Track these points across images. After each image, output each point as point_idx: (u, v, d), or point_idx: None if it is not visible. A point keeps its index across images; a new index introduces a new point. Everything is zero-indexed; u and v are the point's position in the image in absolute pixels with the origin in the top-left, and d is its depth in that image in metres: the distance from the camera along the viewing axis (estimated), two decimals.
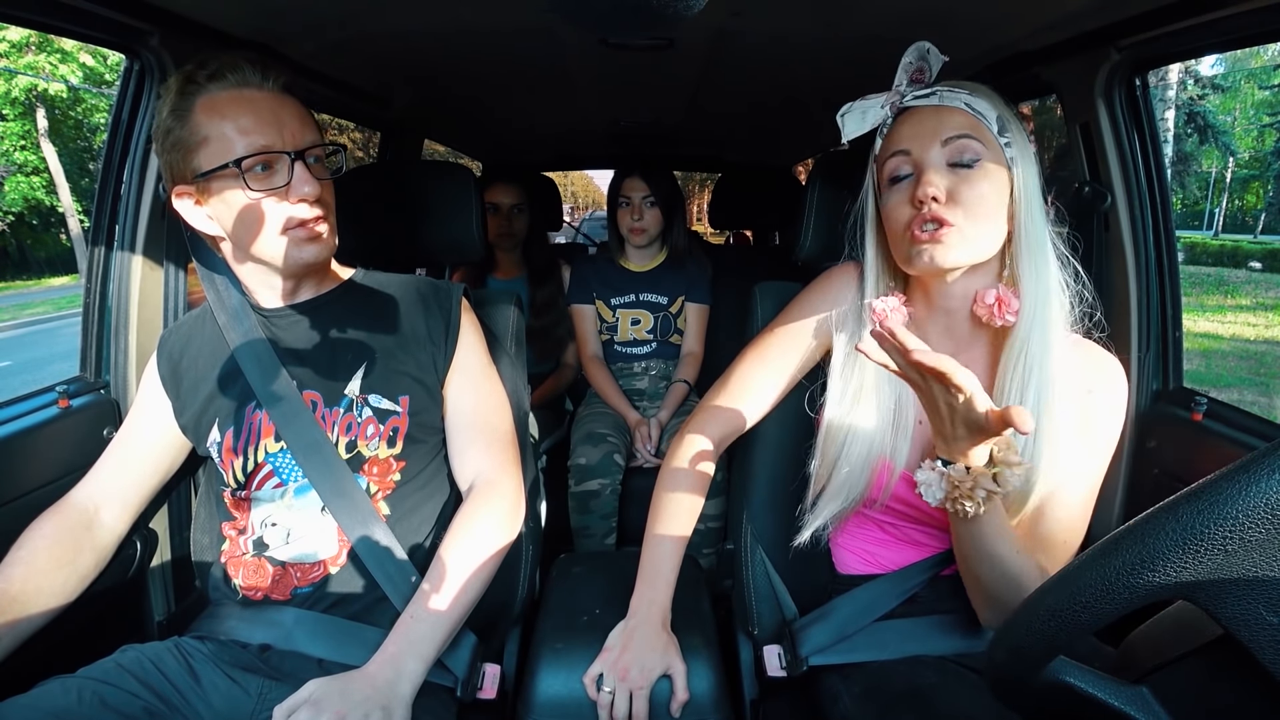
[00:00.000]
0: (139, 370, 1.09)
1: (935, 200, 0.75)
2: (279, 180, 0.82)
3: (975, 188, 0.76)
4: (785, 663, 0.94)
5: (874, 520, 0.93)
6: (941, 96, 0.80)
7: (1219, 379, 6.83)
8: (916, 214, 0.77)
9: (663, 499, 0.93)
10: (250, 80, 0.82)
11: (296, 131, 0.83)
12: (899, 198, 0.80)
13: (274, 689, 0.84)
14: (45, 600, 0.82)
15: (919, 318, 0.88)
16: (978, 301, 0.83)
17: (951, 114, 0.79)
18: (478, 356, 1.00)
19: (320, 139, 0.87)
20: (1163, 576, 0.41)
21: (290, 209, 0.83)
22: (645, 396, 2.02)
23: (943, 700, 0.78)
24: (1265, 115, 23.16)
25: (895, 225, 0.81)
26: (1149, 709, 0.48)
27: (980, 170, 0.77)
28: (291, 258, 0.86)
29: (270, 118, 0.82)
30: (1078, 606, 0.45)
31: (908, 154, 0.79)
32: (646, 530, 0.92)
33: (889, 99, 0.83)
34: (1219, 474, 0.39)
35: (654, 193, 1.91)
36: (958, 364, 0.63)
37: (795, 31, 1.24)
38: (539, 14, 1.07)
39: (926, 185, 0.76)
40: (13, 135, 15.17)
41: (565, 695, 0.85)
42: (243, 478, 0.90)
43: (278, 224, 0.84)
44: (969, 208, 0.76)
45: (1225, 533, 0.38)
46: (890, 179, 0.81)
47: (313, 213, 0.85)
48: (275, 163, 0.82)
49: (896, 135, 0.81)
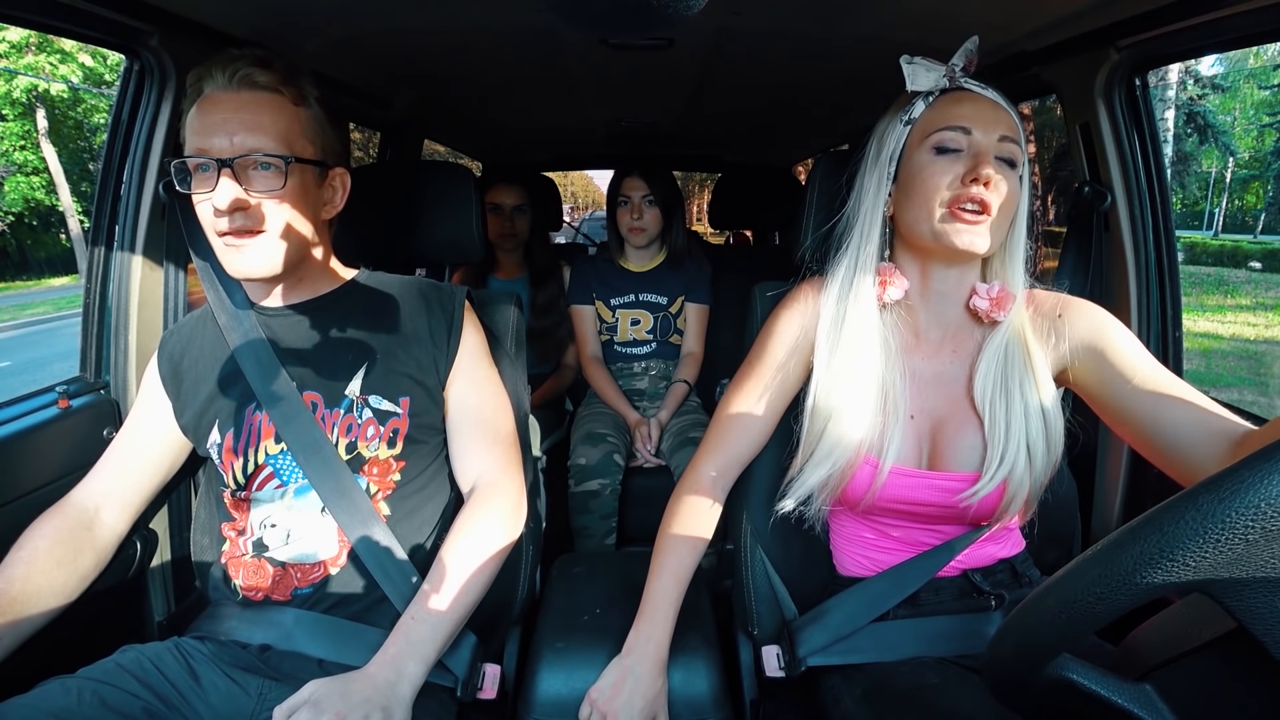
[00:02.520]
0: (139, 370, 1.09)
1: (987, 184, 0.77)
2: (208, 185, 0.82)
3: (1011, 186, 0.80)
4: (783, 663, 0.94)
5: (872, 522, 0.92)
6: (995, 95, 0.83)
7: (1219, 379, 6.84)
8: (964, 191, 0.78)
9: (667, 538, 0.93)
10: (218, 81, 0.82)
11: (241, 137, 0.82)
12: (946, 166, 0.80)
13: (274, 689, 0.84)
14: (45, 600, 0.82)
15: (910, 300, 0.89)
16: (976, 294, 0.85)
17: (1004, 114, 0.82)
18: (479, 358, 1.00)
19: (268, 147, 0.82)
20: (1181, 566, 0.40)
21: (214, 216, 0.82)
22: (645, 397, 2.02)
23: (944, 701, 0.78)
24: (1265, 115, 23.15)
25: (930, 191, 0.81)
26: (1152, 706, 0.47)
27: (1015, 174, 0.81)
28: (229, 267, 0.86)
29: (220, 121, 0.81)
30: (1092, 598, 0.44)
31: (968, 132, 0.80)
32: (651, 566, 0.92)
33: (946, 72, 0.84)
34: (1240, 462, 0.39)
35: (653, 192, 1.91)
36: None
37: (795, 31, 1.24)
38: (539, 14, 1.07)
39: (987, 166, 0.77)
40: (13, 135, 15.15)
41: (565, 695, 0.85)
42: (243, 479, 0.89)
43: (210, 228, 0.84)
44: (1006, 201, 0.80)
45: (1247, 521, 0.38)
46: (937, 148, 0.81)
47: (232, 224, 0.82)
48: (210, 167, 0.81)
49: (957, 111, 0.81)
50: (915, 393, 0.87)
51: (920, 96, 0.84)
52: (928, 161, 0.81)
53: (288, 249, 0.86)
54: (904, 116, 0.85)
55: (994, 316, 0.84)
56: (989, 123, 0.80)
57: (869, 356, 0.85)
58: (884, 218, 0.88)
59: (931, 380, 0.88)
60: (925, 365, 0.89)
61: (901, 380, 0.85)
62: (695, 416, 1.92)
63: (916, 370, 0.88)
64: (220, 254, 0.86)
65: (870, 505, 0.87)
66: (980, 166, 0.77)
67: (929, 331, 0.89)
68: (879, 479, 0.84)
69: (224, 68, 0.82)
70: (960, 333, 0.89)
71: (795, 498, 0.89)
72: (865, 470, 0.85)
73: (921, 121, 0.84)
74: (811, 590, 0.99)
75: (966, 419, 0.86)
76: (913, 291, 0.88)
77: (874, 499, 0.86)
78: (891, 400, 0.85)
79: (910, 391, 0.86)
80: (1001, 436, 0.82)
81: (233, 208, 0.81)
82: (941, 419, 0.87)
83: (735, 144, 2.83)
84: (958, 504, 0.84)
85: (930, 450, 0.87)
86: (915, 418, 0.87)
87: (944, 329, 0.88)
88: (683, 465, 1.71)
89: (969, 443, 0.85)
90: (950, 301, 0.87)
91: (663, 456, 1.85)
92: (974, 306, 0.86)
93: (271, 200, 0.83)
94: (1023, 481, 0.81)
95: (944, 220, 0.80)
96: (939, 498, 0.85)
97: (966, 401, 0.86)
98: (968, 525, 0.88)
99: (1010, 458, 0.81)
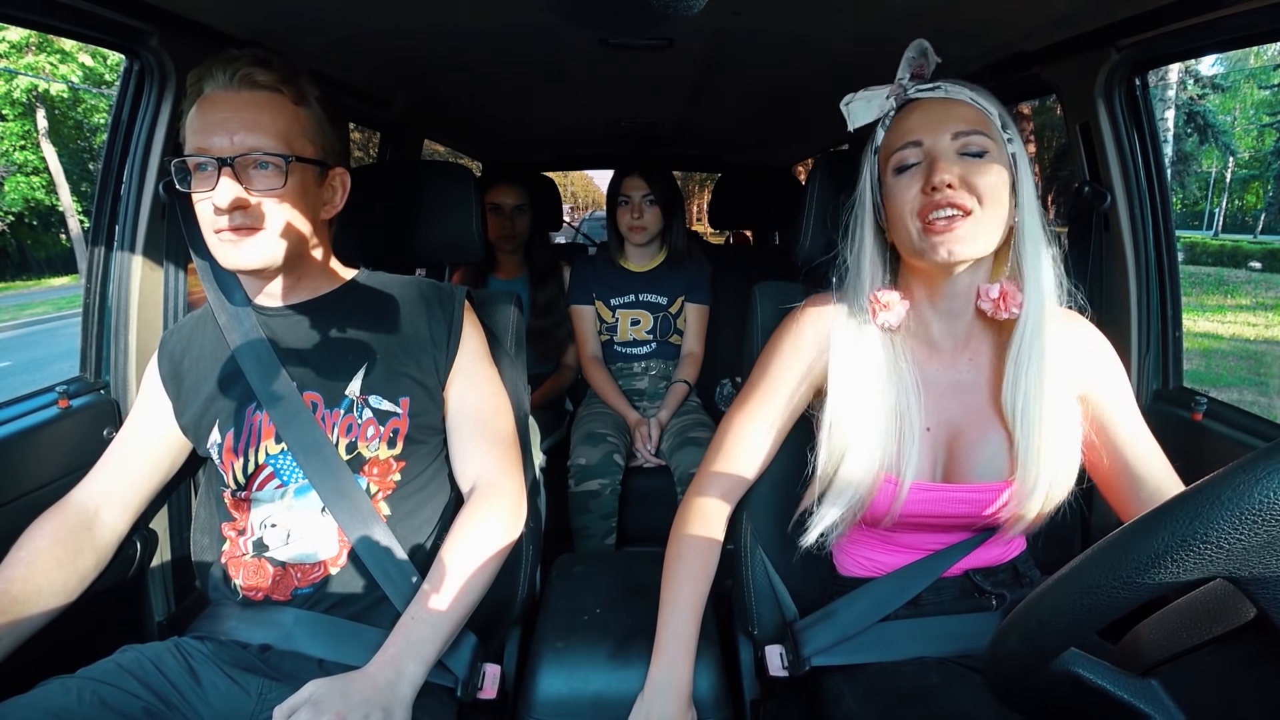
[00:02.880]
0: (139, 370, 1.09)
1: (950, 186, 0.75)
2: (208, 184, 0.82)
3: (989, 178, 0.77)
4: (787, 663, 0.93)
5: (879, 528, 0.91)
6: (947, 90, 0.81)
7: (1219, 379, 6.83)
8: (928, 201, 0.77)
9: (674, 568, 0.90)
10: (219, 81, 0.83)
11: (241, 136, 0.82)
12: (908, 183, 0.79)
13: (274, 689, 0.84)
14: (45, 600, 0.82)
15: (919, 314, 0.87)
16: (981, 296, 0.84)
17: (959, 107, 0.80)
18: (479, 359, 1.00)
19: (268, 146, 0.83)
20: (1214, 550, 0.39)
21: (213, 215, 0.83)
22: (645, 397, 2.02)
23: (945, 701, 0.78)
24: (1265, 115, 23.15)
25: (903, 212, 0.80)
26: (1158, 702, 0.47)
27: (989, 161, 0.78)
28: (223, 260, 0.86)
29: (220, 120, 0.82)
30: (1118, 582, 0.43)
31: (918, 144, 0.79)
32: (663, 595, 0.89)
33: (893, 90, 0.84)
34: (1275, 443, 0.38)
35: (653, 191, 1.91)
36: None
37: (795, 31, 1.24)
38: (539, 14, 1.07)
39: (941, 172, 0.76)
40: (13, 135, 15.15)
41: (565, 695, 0.85)
42: (243, 479, 0.89)
43: (208, 226, 0.85)
44: (984, 194, 0.77)
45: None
46: (897, 169, 0.81)
47: (231, 222, 0.82)
48: (209, 166, 0.82)
49: (905, 126, 0.81)
50: (931, 403, 0.85)
51: (878, 124, 0.85)
52: (893, 184, 0.81)
53: (286, 246, 0.87)
54: (871, 146, 0.86)
55: (1001, 315, 0.83)
56: (938, 123, 0.78)
57: (880, 385, 0.84)
58: (880, 245, 0.87)
59: (949, 389, 0.87)
60: (942, 374, 0.87)
61: (915, 396, 0.84)
62: (695, 416, 1.92)
63: (932, 380, 0.87)
64: (215, 249, 0.86)
65: (892, 523, 0.86)
66: (934, 173, 0.76)
67: (943, 341, 0.88)
68: (899, 497, 0.83)
69: (224, 67, 0.82)
70: (975, 339, 0.87)
71: (817, 530, 0.87)
72: (886, 490, 0.84)
73: (883, 146, 0.84)
74: (812, 591, 0.99)
75: (988, 427, 0.84)
76: (922, 305, 0.87)
77: (895, 516, 0.84)
78: (907, 419, 0.83)
79: (926, 403, 0.85)
80: (1036, 444, 0.80)
81: (233, 206, 0.81)
82: (959, 429, 0.86)
83: (735, 144, 2.83)
84: (981, 515, 0.83)
85: (946, 461, 0.86)
86: (931, 429, 0.85)
87: (957, 337, 0.87)
88: (683, 465, 1.72)
89: (990, 452, 0.84)
90: (961, 309, 0.86)
91: (663, 456, 1.85)
92: (980, 309, 0.85)
93: (271, 199, 0.84)
94: (1055, 490, 0.81)
95: (921, 236, 0.79)
96: (959, 509, 0.84)
97: (990, 410, 0.85)
98: (978, 531, 0.88)
99: (1050, 466, 0.80)
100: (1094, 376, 0.85)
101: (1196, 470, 0.47)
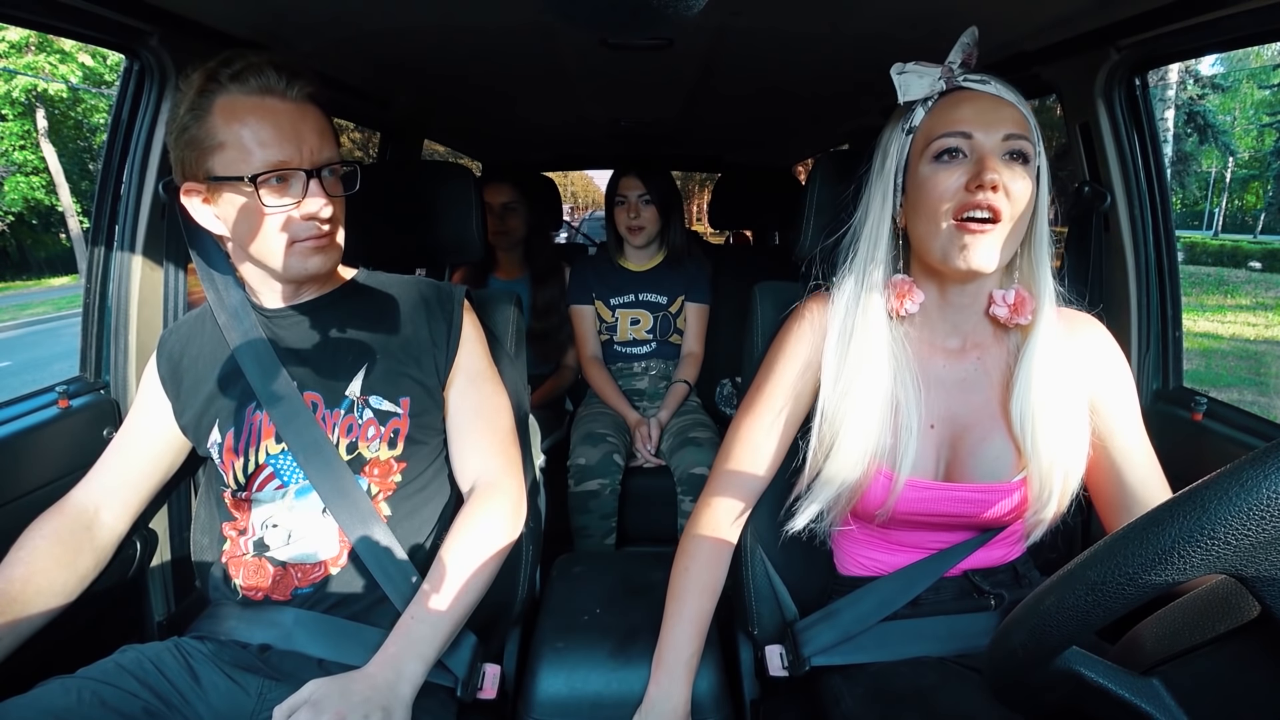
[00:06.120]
0: (139, 370, 1.09)
1: (994, 188, 0.74)
2: (292, 195, 0.82)
3: (1024, 186, 0.76)
4: (787, 663, 0.93)
5: (878, 527, 0.91)
6: (997, 88, 0.78)
7: (1219, 379, 6.84)
8: (969, 199, 0.75)
9: (681, 581, 0.89)
10: (274, 88, 0.80)
11: (315, 147, 0.83)
12: (947, 174, 0.77)
13: (274, 689, 0.84)
14: (45, 600, 0.82)
15: (926, 308, 0.86)
16: (995, 302, 0.83)
17: (1009, 109, 0.77)
18: (479, 359, 1.00)
19: (337, 155, 0.87)
20: (1221, 547, 0.39)
21: (299, 224, 0.84)
22: (645, 397, 2.02)
23: (945, 701, 0.78)
24: (1265, 115, 23.14)
25: (935, 203, 0.78)
26: (1159, 701, 0.47)
27: (1028, 171, 0.77)
28: (294, 268, 0.86)
29: (290, 131, 0.81)
30: (1124, 579, 0.42)
31: (968, 136, 0.76)
32: (666, 609, 0.88)
33: (943, 73, 0.80)
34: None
35: (650, 191, 1.91)
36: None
37: (795, 31, 1.24)
38: (538, 13, 1.07)
39: (991, 171, 0.73)
40: (13, 135, 15.15)
41: (565, 695, 0.85)
42: (243, 479, 0.89)
43: (285, 237, 0.84)
44: (1016, 203, 0.75)
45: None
46: (938, 154, 0.78)
47: (322, 230, 0.85)
48: (290, 177, 0.82)
49: (955, 115, 0.78)
50: (936, 400, 0.85)
51: (919, 103, 0.81)
52: (930, 172, 0.78)
53: (341, 248, 0.91)
54: (905, 125, 0.82)
55: (1015, 321, 0.82)
56: (991, 122, 0.76)
57: (878, 370, 0.83)
58: (893, 230, 0.85)
59: (955, 386, 0.86)
60: (948, 371, 0.86)
61: (915, 390, 0.83)
62: (695, 416, 1.92)
63: (938, 376, 0.86)
64: (294, 257, 0.86)
65: (886, 518, 0.85)
66: (984, 171, 0.74)
67: (948, 340, 0.87)
68: (894, 492, 0.82)
69: (278, 75, 0.80)
70: (983, 340, 0.87)
71: (805, 516, 0.86)
72: (880, 483, 0.83)
73: (922, 129, 0.80)
74: (811, 590, 0.99)
75: (994, 427, 0.84)
76: (929, 304, 0.86)
77: (889, 512, 0.84)
78: (904, 412, 0.82)
79: (930, 399, 0.84)
80: (1048, 452, 0.80)
81: (327, 215, 0.84)
82: (964, 426, 0.85)
83: (735, 144, 2.83)
84: (982, 515, 0.83)
85: (949, 459, 0.85)
86: (935, 426, 0.85)
87: (964, 337, 0.87)
88: (683, 465, 1.72)
89: (994, 452, 0.83)
90: (969, 312, 0.85)
91: (663, 456, 1.85)
92: (993, 315, 0.84)
93: (339, 206, 0.89)
94: (1065, 496, 0.81)
95: (951, 233, 0.77)
96: (960, 509, 0.83)
97: (997, 409, 0.84)
98: (979, 531, 0.88)
99: (1060, 472, 0.80)
100: (1102, 385, 0.85)
101: (1196, 470, 0.46)
